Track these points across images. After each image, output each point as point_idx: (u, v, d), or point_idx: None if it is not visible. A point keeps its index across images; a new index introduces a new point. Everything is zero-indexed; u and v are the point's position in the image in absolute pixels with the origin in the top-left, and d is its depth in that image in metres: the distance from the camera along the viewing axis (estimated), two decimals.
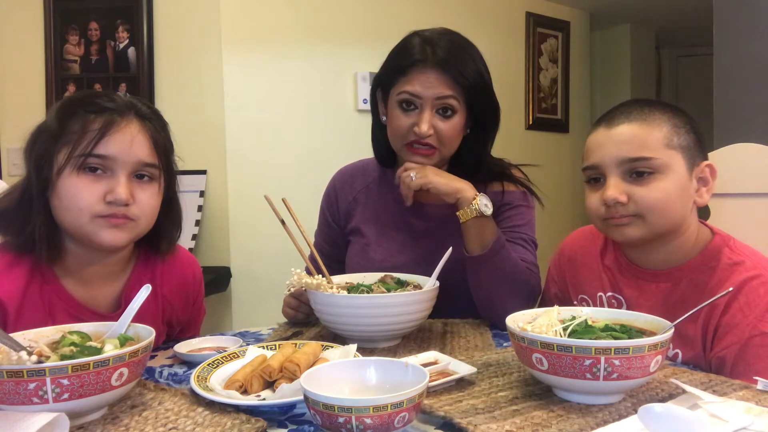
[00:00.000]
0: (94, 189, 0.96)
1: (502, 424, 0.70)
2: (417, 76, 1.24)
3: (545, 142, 3.92)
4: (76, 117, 0.97)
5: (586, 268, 1.20)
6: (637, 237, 1.03)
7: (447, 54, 1.24)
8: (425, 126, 1.23)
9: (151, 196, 1.01)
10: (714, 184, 1.06)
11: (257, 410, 0.78)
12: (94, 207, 0.96)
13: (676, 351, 1.03)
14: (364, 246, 1.38)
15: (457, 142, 1.30)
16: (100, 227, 0.97)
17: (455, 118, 1.26)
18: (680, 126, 1.03)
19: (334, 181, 1.49)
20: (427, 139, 1.25)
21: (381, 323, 1.03)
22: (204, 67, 2.64)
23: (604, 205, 1.03)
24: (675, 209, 1.02)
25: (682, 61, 5.34)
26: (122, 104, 1.00)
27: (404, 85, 1.25)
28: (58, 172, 0.96)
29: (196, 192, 2.60)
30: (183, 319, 1.21)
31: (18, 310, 0.98)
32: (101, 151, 0.95)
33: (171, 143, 1.08)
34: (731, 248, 1.03)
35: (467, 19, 3.26)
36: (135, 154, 0.98)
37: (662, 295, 1.06)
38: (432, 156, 1.27)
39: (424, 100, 1.24)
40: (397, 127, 1.28)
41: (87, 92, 1.04)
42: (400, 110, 1.27)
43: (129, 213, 0.98)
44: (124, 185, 0.96)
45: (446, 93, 1.24)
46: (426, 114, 1.24)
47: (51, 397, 0.69)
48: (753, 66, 2.51)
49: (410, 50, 1.26)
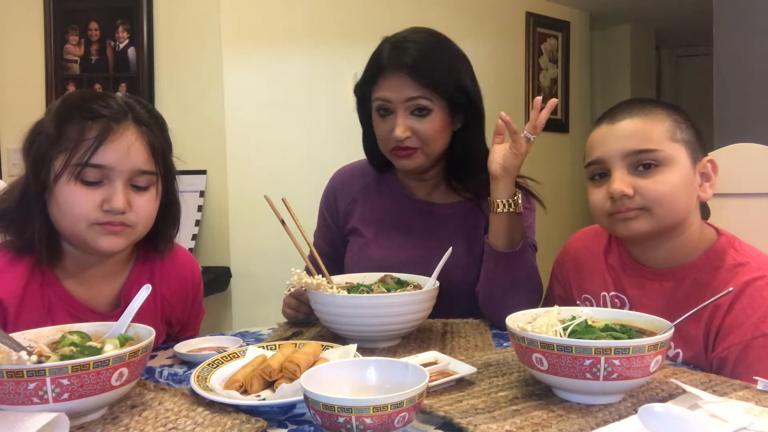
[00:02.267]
0: (90, 197, 0.95)
1: (502, 424, 0.70)
2: (384, 82, 1.26)
3: (545, 142, 3.91)
4: (72, 123, 0.96)
5: (590, 268, 1.20)
6: (643, 231, 1.03)
7: (412, 57, 1.24)
8: (399, 129, 1.24)
9: (148, 202, 1.01)
10: (716, 178, 1.06)
11: (257, 410, 0.78)
12: (91, 215, 0.95)
13: (677, 351, 1.03)
14: (363, 245, 1.38)
15: (441, 140, 1.30)
16: (98, 234, 0.97)
17: (432, 116, 1.26)
18: (681, 121, 1.04)
19: (332, 182, 1.49)
20: (405, 142, 1.26)
21: (381, 323, 1.03)
22: (204, 67, 2.64)
23: (610, 199, 1.03)
24: (681, 202, 1.02)
25: (682, 61, 5.35)
26: (119, 109, 0.99)
27: (376, 92, 1.28)
28: (55, 179, 0.95)
29: (196, 192, 2.60)
30: (182, 318, 1.21)
31: (18, 309, 0.98)
32: (97, 161, 0.95)
33: (169, 144, 1.07)
34: (736, 249, 1.03)
35: (467, 19, 3.26)
36: (132, 162, 0.97)
37: (666, 295, 1.06)
38: (414, 156, 1.28)
39: (395, 104, 1.25)
40: (379, 135, 1.31)
41: (84, 94, 1.03)
42: (379, 117, 1.29)
43: (126, 220, 0.98)
44: (120, 194, 0.96)
45: (414, 94, 1.24)
46: (399, 118, 1.25)
47: (51, 397, 0.69)
48: (753, 66, 2.51)
49: (379, 57, 1.28)
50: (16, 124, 1.01)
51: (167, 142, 1.06)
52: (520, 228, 1.22)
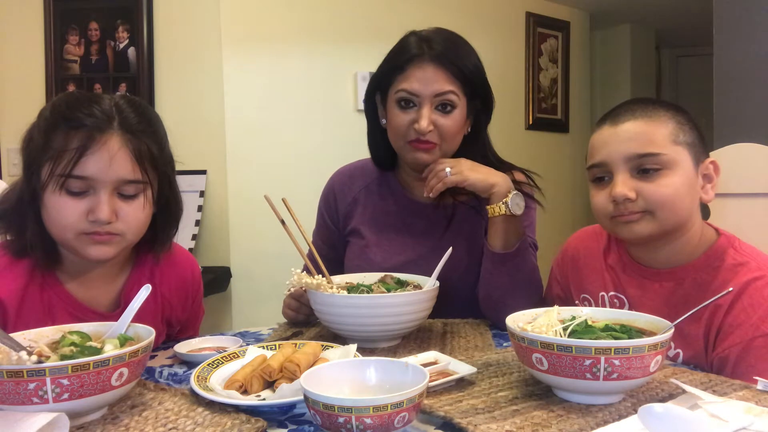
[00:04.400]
0: (75, 207, 0.94)
1: (502, 424, 0.70)
2: (414, 72, 1.24)
3: (545, 142, 3.92)
4: (58, 131, 0.94)
5: (589, 268, 1.20)
6: (646, 233, 1.03)
7: (444, 48, 1.24)
8: (425, 122, 1.23)
9: (136, 210, 0.99)
10: (718, 180, 1.06)
11: (257, 410, 0.78)
12: (78, 225, 0.95)
13: (677, 351, 1.03)
14: (363, 247, 1.38)
15: (458, 138, 1.30)
16: (86, 244, 0.96)
17: (455, 113, 1.26)
18: (684, 123, 1.03)
19: (332, 182, 1.48)
20: (427, 136, 1.24)
21: (381, 323, 1.03)
22: (204, 67, 2.64)
23: (612, 202, 1.03)
24: (684, 205, 1.01)
25: (682, 61, 5.34)
26: (102, 118, 0.96)
27: (402, 83, 1.25)
28: (43, 188, 0.95)
29: (196, 192, 2.60)
30: (182, 318, 1.21)
31: (18, 309, 0.98)
32: (79, 173, 0.93)
33: (162, 143, 1.04)
34: (736, 249, 1.03)
35: (467, 19, 3.26)
36: (115, 172, 0.95)
37: (665, 295, 1.06)
38: (433, 151, 1.27)
39: (422, 98, 1.24)
40: (397, 126, 1.28)
41: (71, 100, 0.99)
42: (398, 108, 1.27)
43: (113, 229, 0.97)
44: (105, 204, 0.94)
45: (445, 88, 1.24)
46: (425, 110, 1.24)
47: (51, 397, 0.69)
48: (753, 66, 2.51)
49: (407, 47, 1.27)
50: (16, 124, 1.01)
51: (159, 145, 1.03)
52: (517, 229, 1.22)
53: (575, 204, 4.03)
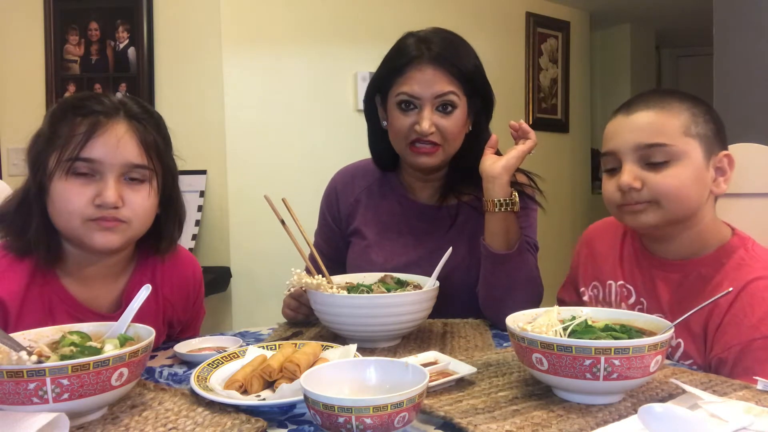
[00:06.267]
0: (83, 192, 0.96)
1: (502, 424, 0.70)
2: (414, 74, 1.24)
3: (545, 142, 3.91)
4: (65, 121, 0.97)
5: (603, 256, 1.21)
6: (651, 223, 1.03)
7: (442, 48, 1.24)
8: (426, 123, 1.23)
9: (143, 198, 1.00)
10: (732, 173, 1.06)
11: (257, 410, 0.78)
12: (84, 210, 0.96)
13: (678, 340, 1.03)
14: (365, 248, 1.38)
15: (460, 139, 1.30)
16: (92, 230, 0.97)
17: (456, 113, 1.26)
18: (699, 115, 1.03)
19: (334, 182, 1.48)
20: (429, 137, 1.24)
21: (381, 323, 1.03)
22: (204, 67, 2.64)
23: (620, 191, 1.04)
24: (690, 196, 1.02)
25: (682, 61, 5.35)
26: (111, 106, 0.99)
27: (402, 86, 1.25)
28: (50, 177, 0.96)
29: (196, 192, 2.60)
30: (183, 319, 1.21)
31: (19, 310, 0.98)
32: (87, 155, 0.95)
33: (167, 141, 1.07)
34: (747, 249, 1.03)
35: (467, 19, 3.26)
36: (122, 155, 0.97)
37: (672, 287, 1.07)
38: (436, 153, 1.27)
39: (423, 100, 1.24)
40: (398, 128, 1.27)
41: (80, 95, 1.03)
42: (399, 111, 1.27)
43: (119, 215, 0.98)
44: (112, 188, 0.96)
45: (445, 89, 1.23)
46: (426, 112, 1.23)
47: (51, 397, 0.69)
48: (753, 66, 2.51)
49: (406, 49, 1.27)
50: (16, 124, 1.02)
51: (163, 139, 1.05)
52: (516, 228, 1.22)
53: (575, 204, 4.03)
